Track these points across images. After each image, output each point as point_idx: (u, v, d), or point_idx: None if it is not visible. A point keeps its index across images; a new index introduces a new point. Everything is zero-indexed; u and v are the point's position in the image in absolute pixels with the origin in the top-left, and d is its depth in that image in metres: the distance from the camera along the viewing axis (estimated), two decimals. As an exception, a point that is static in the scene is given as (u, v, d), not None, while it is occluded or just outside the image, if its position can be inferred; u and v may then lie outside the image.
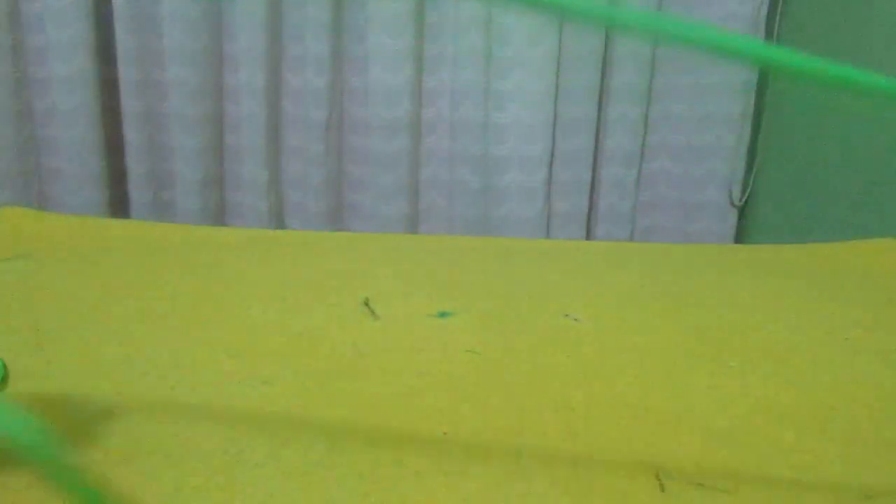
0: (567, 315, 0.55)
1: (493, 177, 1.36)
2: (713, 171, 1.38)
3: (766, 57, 0.18)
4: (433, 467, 0.33)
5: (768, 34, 1.29)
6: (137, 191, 1.33)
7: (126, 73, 1.26)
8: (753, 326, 0.55)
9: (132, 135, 1.30)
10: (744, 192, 1.38)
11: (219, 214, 1.41)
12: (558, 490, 0.31)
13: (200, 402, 0.38)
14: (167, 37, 1.27)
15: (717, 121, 1.35)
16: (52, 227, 0.81)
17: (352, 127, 1.38)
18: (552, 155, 1.37)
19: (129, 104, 1.28)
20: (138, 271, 0.63)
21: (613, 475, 0.32)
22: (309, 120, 1.35)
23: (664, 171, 1.43)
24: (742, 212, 1.41)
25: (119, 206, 1.34)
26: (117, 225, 0.90)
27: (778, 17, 1.27)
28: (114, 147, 1.31)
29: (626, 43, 1.32)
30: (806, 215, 1.22)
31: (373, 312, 0.54)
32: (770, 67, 0.18)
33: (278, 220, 1.43)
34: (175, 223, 1.22)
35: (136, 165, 1.31)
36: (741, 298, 0.63)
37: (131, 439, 0.34)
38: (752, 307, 0.61)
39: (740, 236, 1.42)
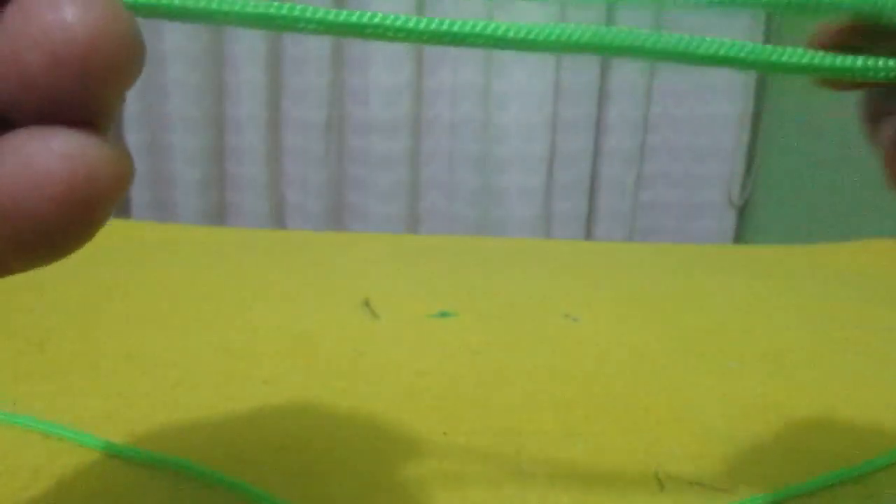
0: (567, 315, 0.55)
1: (493, 177, 1.36)
2: (713, 171, 1.38)
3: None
4: (433, 467, 0.33)
5: (768, 33, 1.29)
6: (137, 191, 1.33)
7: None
8: (753, 326, 0.55)
9: (132, 135, 1.30)
10: (743, 192, 1.38)
11: (219, 215, 1.41)
12: (558, 490, 0.31)
13: (200, 402, 0.38)
14: (167, 37, 1.27)
15: (717, 121, 1.35)
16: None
17: (352, 127, 1.38)
18: (552, 155, 1.37)
19: (129, 104, 1.28)
20: (138, 271, 0.63)
21: (613, 475, 0.32)
22: (309, 120, 1.35)
23: (664, 171, 1.43)
24: (742, 212, 1.41)
25: (119, 206, 1.34)
26: (117, 225, 0.90)
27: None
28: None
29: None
30: (806, 215, 1.22)
31: (373, 312, 0.54)
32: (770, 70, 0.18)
33: (278, 220, 1.43)
34: (175, 223, 1.22)
35: (136, 165, 1.31)
36: (741, 298, 0.63)
37: (131, 439, 0.34)
38: (752, 307, 0.61)
39: (740, 236, 1.42)
